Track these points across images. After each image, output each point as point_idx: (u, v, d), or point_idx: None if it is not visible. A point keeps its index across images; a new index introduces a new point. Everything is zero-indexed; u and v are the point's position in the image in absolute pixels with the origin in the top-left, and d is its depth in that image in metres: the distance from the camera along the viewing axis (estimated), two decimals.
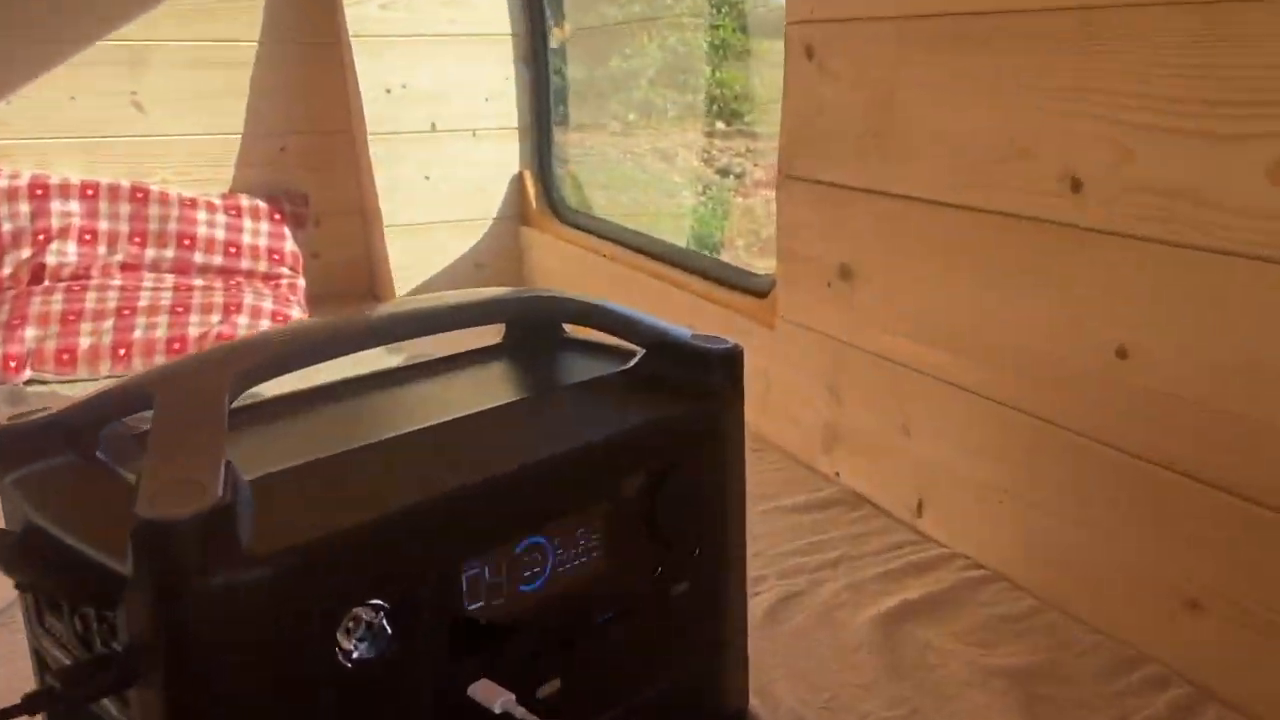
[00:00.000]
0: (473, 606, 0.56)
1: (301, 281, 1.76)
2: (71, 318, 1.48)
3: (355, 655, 0.52)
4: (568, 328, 0.78)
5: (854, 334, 1.11)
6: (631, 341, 0.71)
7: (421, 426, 0.61)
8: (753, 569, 0.94)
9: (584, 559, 0.61)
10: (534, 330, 0.79)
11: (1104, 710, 0.76)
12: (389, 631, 0.53)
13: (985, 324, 0.94)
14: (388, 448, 0.58)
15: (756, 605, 0.90)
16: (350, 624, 0.52)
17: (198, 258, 1.66)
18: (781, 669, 0.82)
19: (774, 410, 1.27)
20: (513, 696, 0.56)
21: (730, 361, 0.69)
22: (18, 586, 0.54)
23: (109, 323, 1.49)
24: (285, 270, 1.73)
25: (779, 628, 0.87)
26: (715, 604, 0.70)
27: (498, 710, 0.56)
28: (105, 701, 0.51)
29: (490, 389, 0.70)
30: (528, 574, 0.59)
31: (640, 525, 0.64)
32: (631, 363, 0.71)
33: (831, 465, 1.18)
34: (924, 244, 1.00)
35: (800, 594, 0.93)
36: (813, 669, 0.82)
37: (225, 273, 1.67)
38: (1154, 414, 0.79)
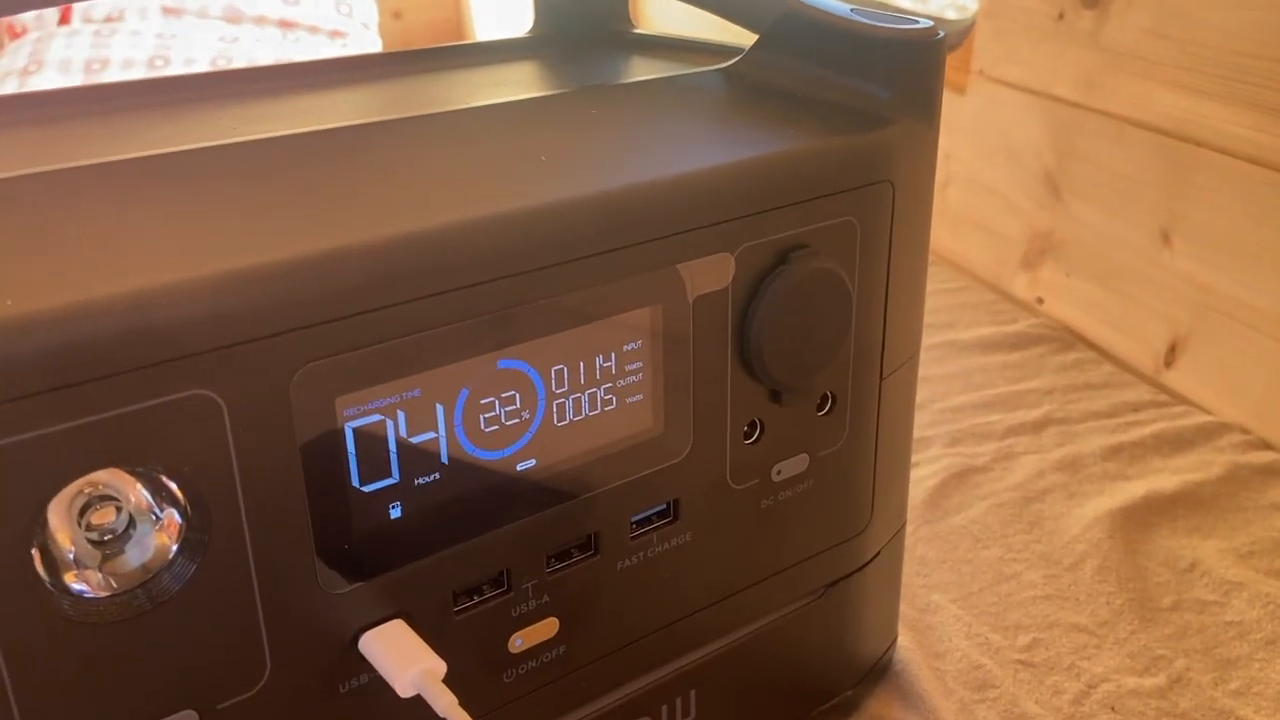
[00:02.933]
0: (372, 488, 0.28)
1: (376, 43, 1.47)
2: (96, 66, 1.24)
3: (84, 588, 0.25)
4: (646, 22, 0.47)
5: (1094, 89, 0.75)
6: (744, 24, 0.40)
7: (292, 133, 0.32)
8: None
9: (608, 407, 0.32)
10: (586, 17, 0.48)
11: None
12: (183, 533, 0.26)
13: None
14: (211, 163, 0.30)
15: (915, 484, 0.60)
16: (80, 519, 0.25)
17: (251, 3, 1.38)
18: (950, 589, 0.52)
19: (955, 210, 0.93)
20: (439, 666, 0.29)
21: (919, 57, 0.37)
22: None
23: (136, 73, 1.24)
24: (356, 26, 1.44)
25: (948, 521, 0.58)
26: (849, 498, 0.40)
27: (405, 693, 0.28)
28: None
29: (464, 88, 0.40)
30: (492, 430, 0.30)
31: (721, 353, 0.34)
32: (735, 59, 0.40)
33: (1034, 288, 0.84)
34: None
35: (983, 470, 0.62)
36: (1001, 592, 0.52)
37: (282, 24, 1.40)
38: None
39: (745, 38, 0.39)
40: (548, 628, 0.33)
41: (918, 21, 0.37)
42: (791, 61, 0.38)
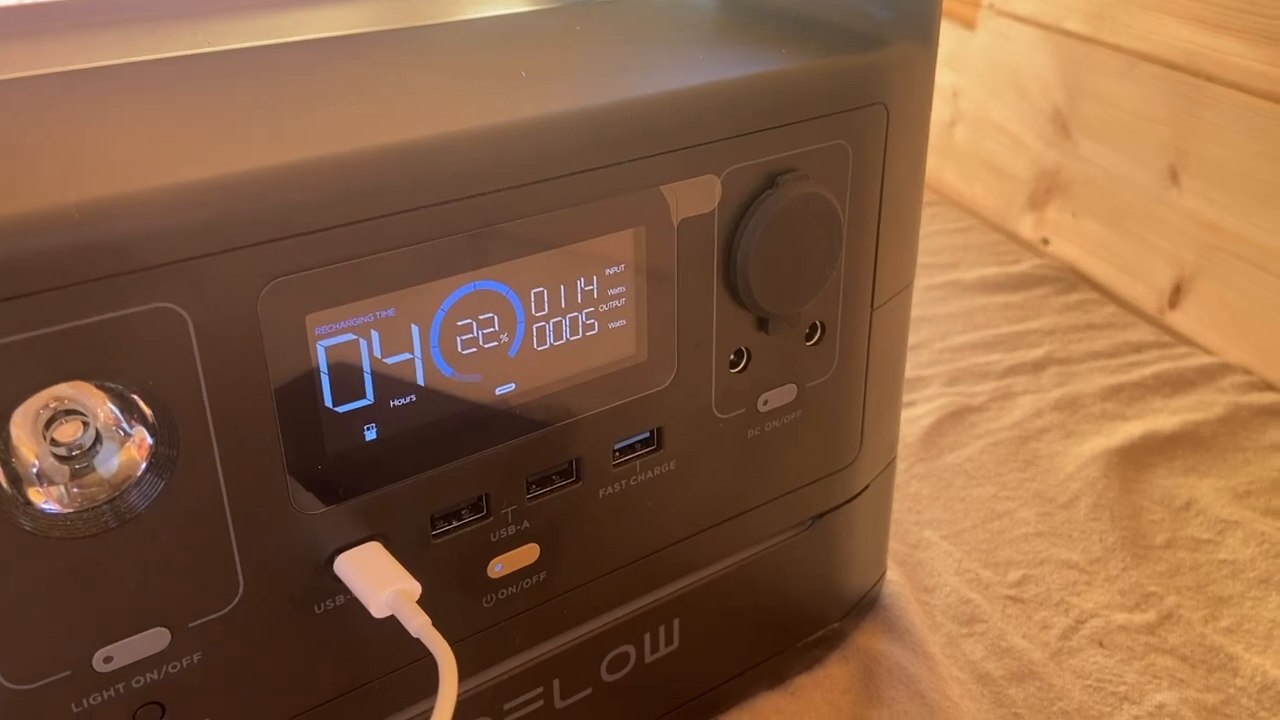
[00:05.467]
0: (346, 409, 0.28)
1: None
2: None
3: (48, 504, 0.25)
4: None
5: (1106, 22, 0.73)
6: None
7: (266, 44, 0.31)
8: (909, 368, 0.63)
9: (590, 332, 0.32)
10: None
11: None
12: (152, 450, 0.25)
13: None
14: (180, 74, 0.29)
15: (910, 422, 0.60)
16: (45, 433, 0.24)
17: None
18: (942, 525, 0.52)
19: (960, 150, 0.91)
20: (413, 587, 0.28)
21: None
22: None
23: None
24: None
25: (942, 459, 0.57)
26: (838, 430, 0.40)
27: (379, 613, 0.28)
28: None
29: (450, 4, 0.39)
30: (470, 352, 0.30)
31: (707, 279, 0.33)
32: None
33: (1040, 228, 0.83)
34: None
35: (980, 410, 0.61)
36: (993, 529, 0.52)
37: None
38: None
39: None
40: (528, 553, 0.33)
41: None
42: None
